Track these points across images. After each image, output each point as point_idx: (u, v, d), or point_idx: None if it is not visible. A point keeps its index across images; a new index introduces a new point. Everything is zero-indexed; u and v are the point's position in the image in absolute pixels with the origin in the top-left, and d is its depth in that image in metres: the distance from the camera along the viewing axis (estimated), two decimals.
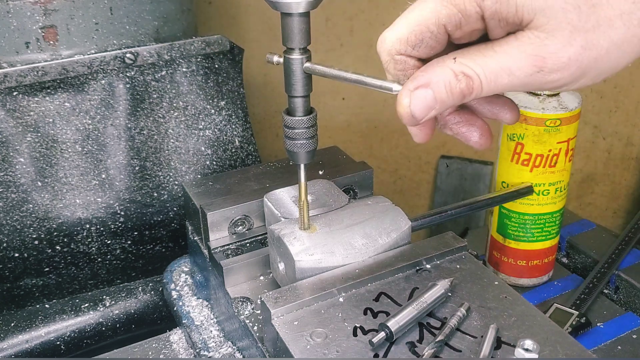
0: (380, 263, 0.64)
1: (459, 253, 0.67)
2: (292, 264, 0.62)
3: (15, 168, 0.91)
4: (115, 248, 0.98)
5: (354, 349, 0.55)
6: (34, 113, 0.91)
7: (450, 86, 0.48)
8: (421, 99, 0.49)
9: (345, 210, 0.69)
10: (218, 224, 0.75)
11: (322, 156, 0.86)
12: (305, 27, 0.57)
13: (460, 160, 1.68)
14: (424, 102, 0.49)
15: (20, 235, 0.92)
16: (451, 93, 0.49)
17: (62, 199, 0.93)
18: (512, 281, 0.89)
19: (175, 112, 1.00)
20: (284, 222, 0.67)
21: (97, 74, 0.93)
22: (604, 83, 1.64)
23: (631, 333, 0.80)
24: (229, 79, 1.05)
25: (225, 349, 0.74)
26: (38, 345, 0.87)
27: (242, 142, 1.06)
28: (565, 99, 0.79)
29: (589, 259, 0.93)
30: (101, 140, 0.95)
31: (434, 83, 0.49)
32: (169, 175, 1.00)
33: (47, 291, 0.96)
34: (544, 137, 0.79)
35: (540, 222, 0.84)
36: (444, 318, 0.58)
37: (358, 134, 1.63)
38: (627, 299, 0.86)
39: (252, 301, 0.69)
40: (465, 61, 0.48)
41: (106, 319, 0.91)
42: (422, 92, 0.49)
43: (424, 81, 0.49)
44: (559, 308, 0.81)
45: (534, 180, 0.82)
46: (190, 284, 0.87)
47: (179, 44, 0.98)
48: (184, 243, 0.94)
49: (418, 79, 0.50)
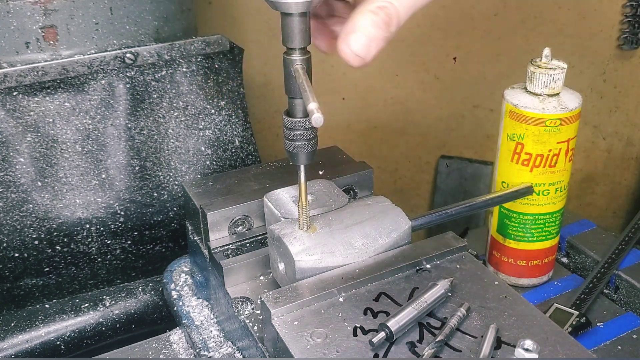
0: (380, 263, 0.64)
1: (459, 253, 0.67)
2: (292, 264, 0.62)
3: (15, 168, 0.91)
4: (115, 248, 0.98)
5: (354, 349, 0.55)
6: (34, 113, 0.91)
7: (372, 21, 0.56)
8: (357, 41, 0.56)
9: (345, 210, 0.69)
10: (218, 224, 0.75)
11: (322, 156, 0.86)
12: (305, 27, 0.57)
13: (460, 160, 1.68)
14: (360, 43, 0.56)
15: (20, 235, 0.92)
16: (377, 26, 0.56)
17: (62, 199, 0.93)
18: (512, 281, 0.89)
19: (175, 112, 1.00)
20: (284, 222, 0.67)
21: (97, 74, 0.93)
22: (604, 83, 1.64)
23: (631, 333, 0.80)
24: (229, 79, 1.05)
25: (225, 349, 0.74)
26: (38, 345, 0.87)
27: (242, 142, 1.06)
28: (565, 99, 0.79)
29: (589, 259, 0.93)
30: (101, 140, 0.95)
31: (360, 26, 0.56)
32: (169, 175, 1.00)
33: (47, 291, 0.96)
34: (544, 137, 0.79)
35: (540, 222, 0.84)
36: (444, 318, 0.58)
37: (358, 134, 1.63)
38: (627, 299, 0.86)
39: (252, 301, 0.69)
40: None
41: (106, 319, 0.91)
42: (354, 36, 0.56)
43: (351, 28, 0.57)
44: (559, 308, 0.81)
45: (534, 180, 0.82)
46: (190, 284, 0.87)
47: (179, 44, 0.98)
48: (184, 243, 0.94)
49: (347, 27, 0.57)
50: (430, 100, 1.62)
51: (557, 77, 0.78)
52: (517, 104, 0.79)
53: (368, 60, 0.58)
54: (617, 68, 1.62)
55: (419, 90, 1.60)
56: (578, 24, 1.55)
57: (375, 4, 0.57)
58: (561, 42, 1.55)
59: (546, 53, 0.80)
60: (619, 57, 1.61)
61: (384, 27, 0.57)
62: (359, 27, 0.57)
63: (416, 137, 1.66)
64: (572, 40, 1.57)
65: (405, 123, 1.63)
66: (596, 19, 1.55)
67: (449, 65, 1.56)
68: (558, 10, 1.53)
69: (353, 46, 0.56)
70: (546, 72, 0.78)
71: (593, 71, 1.62)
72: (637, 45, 1.57)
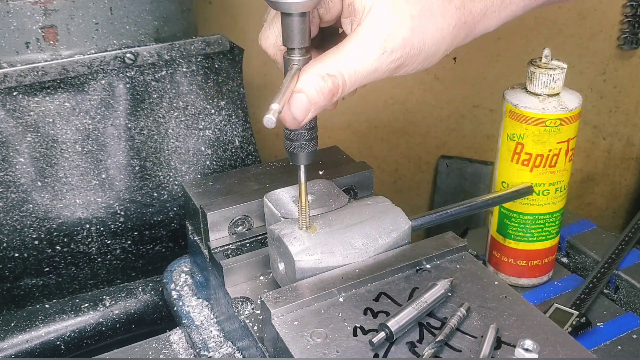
0: (380, 263, 0.64)
1: (459, 253, 0.67)
2: (292, 264, 0.62)
3: (15, 168, 0.91)
4: (115, 248, 0.98)
5: (354, 349, 0.55)
6: (34, 113, 0.91)
7: (319, 87, 0.56)
8: (298, 103, 0.56)
9: (345, 210, 0.69)
10: (218, 224, 0.75)
11: (322, 156, 0.86)
12: (305, 27, 0.57)
13: (460, 160, 1.68)
14: (301, 105, 0.56)
15: (20, 235, 0.92)
16: (322, 94, 0.56)
17: (62, 199, 0.93)
18: (512, 281, 0.89)
19: (175, 112, 1.00)
20: (284, 222, 0.67)
21: (97, 74, 0.93)
22: (604, 83, 1.64)
23: (631, 333, 0.80)
24: (229, 79, 1.05)
25: (225, 349, 0.74)
26: (38, 345, 0.87)
27: (242, 142, 1.06)
28: (565, 99, 0.79)
29: (589, 259, 0.93)
30: (101, 140, 0.95)
31: (306, 87, 0.56)
32: (169, 175, 1.00)
33: (47, 291, 0.96)
34: (544, 137, 0.79)
35: (540, 222, 0.84)
36: (444, 318, 0.58)
37: (358, 134, 1.63)
38: (627, 299, 0.86)
39: (252, 301, 0.69)
40: (326, 63, 0.56)
41: (106, 319, 0.91)
42: (297, 96, 0.56)
43: (297, 88, 0.56)
44: (559, 308, 0.81)
45: (534, 180, 0.82)
46: (190, 284, 0.87)
47: (179, 44, 0.98)
48: (184, 243, 0.94)
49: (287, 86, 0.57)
50: (430, 100, 1.62)
51: (557, 77, 0.78)
52: (517, 104, 0.79)
53: (302, 124, 0.57)
54: (617, 68, 1.62)
55: (419, 90, 1.60)
56: (578, 24, 1.55)
57: (325, 69, 0.56)
58: (561, 42, 1.55)
59: (546, 53, 0.80)
60: (619, 57, 1.61)
61: (329, 96, 0.56)
62: (303, 87, 0.56)
63: (416, 137, 1.66)
64: (572, 40, 1.56)
65: (405, 123, 1.63)
66: (596, 19, 1.55)
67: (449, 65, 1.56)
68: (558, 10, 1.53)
69: (293, 108, 0.56)
70: (546, 72, 0.78)
71: (593, 71, 1.62)
72: (637, 45, 1.57)
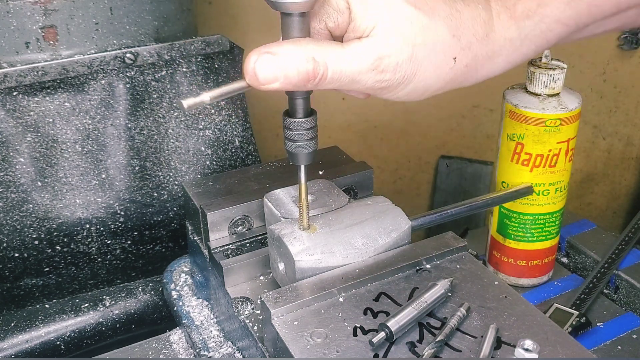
0: (380, 263, 0.64)
1: (459, 253, 0.67)
2: (292, 264, 0.62)
3: (15, 168, 0.91)
4: (115, 248, 0.98)
5: (354, 349, 0.55)
6: (34, 113, 0.91)
7: (297, 64, 0.52)
8: (267, 62, 0.52)
9: (345, 210, 0.69)
10: (218, 224, 0.75)
11: (322, 156, 0.86)
12: (305, 27, 0.57)
13: (460, 160, 1.68)
14: (269, 66, 0.52)
15: (20, 235, 0.92)
16: (297, 71, 0.52)
17: (62, 199, 0.93)
18: (512, 281, 0.89)
19: (175, 112, 1.00)
20: (284, 222, 0.67)
21: (97, 74, 0.93)
22: (604, 83, 1.64)
23: (631, 333, 0.80)
24: (229, 79, 1.05)
25: (225, 349, 0.74)
26: (38, 345, 0.87)
27: (242, 142, 1.06)
28: (565, 99, 0.79)
29: (589, 259, 0.93)
30: (101, 140, 0.95)
31: (284, 55, 0.52)
32: (169, 175, 1.00)
33: (47, 291, 0.96)
34: (544, 137, 0.79)
35: (540, 222, 0.84)
36: (444, 318, 0.58)
37: (358, 134, 1.63)
38: (627, 299, 0.86)
39: (252, 301, 0.69)
40: (318, 48, 0.53)
41: (106, 319, 0.91)
42: (269, 57, 0.52)
43: (275, 50, 0.52)
44: (559, 308, 0.81)
45: (534, 180, 0.82)
46: (190, 284, 0.87)
47: (179, 44, 0.98)
48: (184, 243, 0.94)
49: (272, 45, 0.53)
50: (430, 100, 1.61)
51: (557, 77, 0.78)
52: (517, 104, 0.79)
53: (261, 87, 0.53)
54: (617, 68, 1.62)
55: None
56: None
57: (314, 53, 0.52)
58: None
59: (546, 53, 0.80)
60: (619, 57, 1.61)
61: (303, 78, 0.52)
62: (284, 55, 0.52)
63: (416, 137, 1.66)
64: None
65: (405, 123, 1.63)
66: None
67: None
68: None
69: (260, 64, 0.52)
70: (546, 72, 0.78)
71: (593, 71, 1.62)
72: (637, 45, 1.57)
